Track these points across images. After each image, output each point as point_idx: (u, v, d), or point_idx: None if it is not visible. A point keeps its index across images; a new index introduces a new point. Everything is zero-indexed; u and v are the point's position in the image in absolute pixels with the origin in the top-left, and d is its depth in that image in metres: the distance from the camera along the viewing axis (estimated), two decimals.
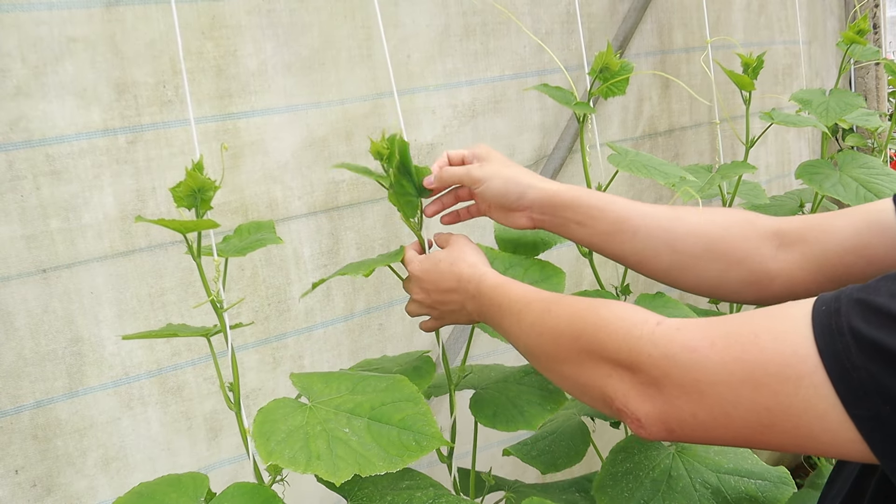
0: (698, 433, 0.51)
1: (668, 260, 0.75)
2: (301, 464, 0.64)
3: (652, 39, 1.59)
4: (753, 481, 0.93)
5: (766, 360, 0.47)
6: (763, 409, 0.47)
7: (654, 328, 0.53)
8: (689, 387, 0.50)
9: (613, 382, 0.55)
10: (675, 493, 0.92)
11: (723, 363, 0.48)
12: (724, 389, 0.48)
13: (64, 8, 0.95)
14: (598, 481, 0.95)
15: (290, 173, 1.15)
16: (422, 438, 0.68)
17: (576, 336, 0.58)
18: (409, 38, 1.24)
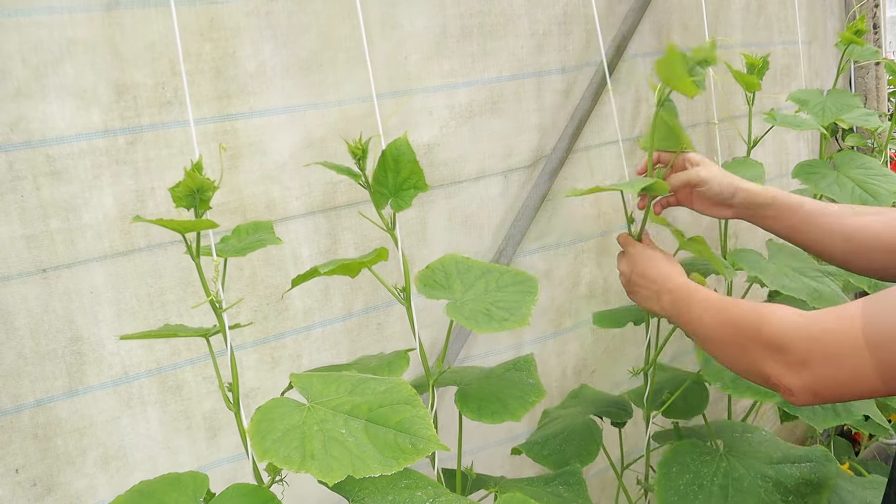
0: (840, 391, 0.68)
1: (843, 248, 0.93)
2: (295, 463, 0.64)
3: (650, 40, 1.59)
4: (804, 465, 1.00)
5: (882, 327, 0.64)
6: (887, 364, 0.63)
7: (797, 318, 0.71)
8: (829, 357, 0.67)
9: (769, 363, 0.72)
10: (744, 494, 0.97)
11: (850, 336, 0.65)
12: (854, 355, 0.65)
13: (64, 11, 0.96)
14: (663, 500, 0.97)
15: (288, 174, 1.16)
16: (418, 441, 0.69)
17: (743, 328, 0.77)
18: (406, 39, 1.24)
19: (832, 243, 0.94)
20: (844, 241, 0.93)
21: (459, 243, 1.37)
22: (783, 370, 0.71)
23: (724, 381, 1.00)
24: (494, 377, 0.99)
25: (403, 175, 0.89)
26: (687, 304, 0.88)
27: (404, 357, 0.89)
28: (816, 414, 1.08)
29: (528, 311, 0.88)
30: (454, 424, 1.02)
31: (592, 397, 1.27)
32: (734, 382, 0.98)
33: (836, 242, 0.93)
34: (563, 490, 1.02)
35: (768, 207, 0.98)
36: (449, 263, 0.96)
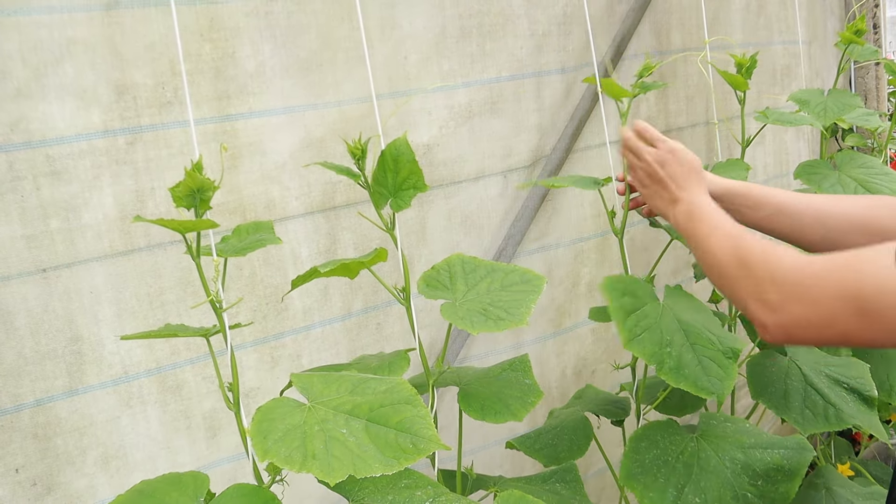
0: (811, 333, 0.71)
1: (821, 235, 0.94)
2: (296, 463, 0.64)
3: (650, 40, 1.59)
4: (777, 451, 1.00)
5: (862, 276, 0.66)
6: (861, 311, 0.66)
7: (793, 261, 0.73)
8: (804, 299, 0.70)
9: (752, 301, 0.76)
10: (707, 474, 0.97)
11: (832, 283, 0.68)
12: (833, 301, 0.68)
13: (64, 11, 0.96)
14: (625, 471, 0.98)
15: (287, 174, 1.16)
16: (419, 441, 0.69)
17: (740, 262, 0.80)
18: (405, 39, 1.25)
19: (811, 230, 0.95)
20: (822, 227, 0.94)
21: (459, 243, 1.37)
22: (762, 308, 0.74)
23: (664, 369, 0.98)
24: (492, 378, 0.99)
25: (403, 175, 0.89)
26: (699, 219, 0.90)
27: (405, 357, 0.89)
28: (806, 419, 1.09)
29: (526, 310, 0.88)
30: (454, 424, 1.02)
31: (593, 396, 1.28)
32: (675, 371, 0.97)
33: (814, 229, 0.94)
34: (560, 487, 1.03)
35: (741, 197, 0.99)
36: (455, 263, 0.96)
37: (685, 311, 1.02)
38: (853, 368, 1.17)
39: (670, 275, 1.73)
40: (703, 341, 0.97)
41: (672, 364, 0.94)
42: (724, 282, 0.83)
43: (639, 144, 1.02)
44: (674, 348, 0.95)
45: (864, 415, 1.10)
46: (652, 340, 0.95)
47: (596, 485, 1.62)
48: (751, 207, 0.98)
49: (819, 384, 1.12)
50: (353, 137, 0.88)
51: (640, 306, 0.99)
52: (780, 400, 1.11)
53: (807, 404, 1.10)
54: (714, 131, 1.74)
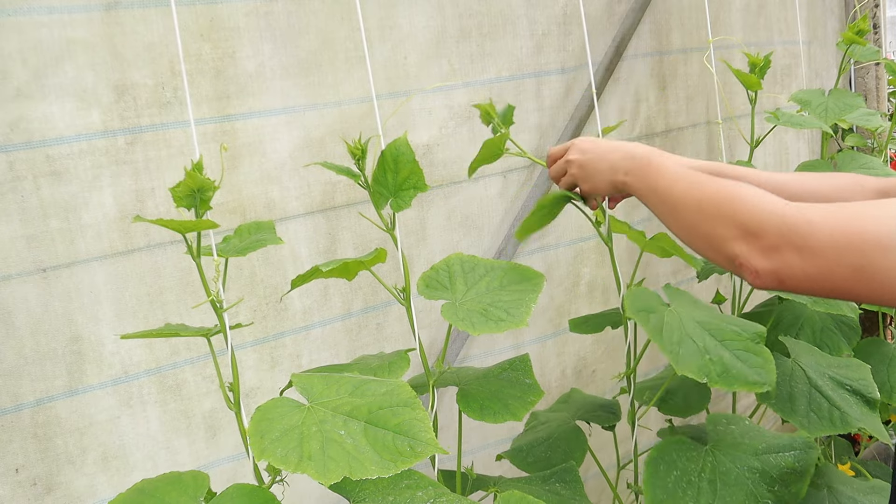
0: (805, 284, 0.69)
1: None
2: (292, 463, 0.64)
3: (650, 40, 1.59)
4: (788, 453, 1.00)
5: (865, 233, 0.64)
6: (859, 267, 0.64)
7: (783, 206, 0.70)
8: (804, 249, 0.67)
9: (738, 244, 0.72)
10: (731, 487, 0.97)
11: (832, 233, 0.66)
12: (831, 252, 0.66)
13: (64, 11, 0.96)
14: (651, 498, 0.97)
15: (287, 174, 1.16)
16: (416, 444, 0.69)
17: (716, 203, 0.75)
18: (405, 39, 1.25)
19: None
20: None
21: (458, 243, 1.37)
22: (754, 252, 0.71)
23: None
24: (492, 377, 0.99)
25: (403, 175, 0.89)
26: (655, 172, 0.85)
27: (405, 358, 0.89)
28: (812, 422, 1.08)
29: (527, 311, 0.88)
30: (453, 424, 1.02)
31: (581, 401, 1.27)
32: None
33: None
34: (560, 488, 1.02)
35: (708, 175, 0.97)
36: (454, 263, 0.96)
37: (693, 309, 1.01)
38: (855, 370, 1.17)
39: (670, 275, 1.73)
40: (730, 335, 0.95)
41: (718, 370, 0.92)
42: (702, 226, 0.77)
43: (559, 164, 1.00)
44: (712, 353, 0.93)
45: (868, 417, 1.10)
46: (691, 353, 0.93)
47: (596, 485, 1.62)
48: None
49: (823, 387, 1.12)
50: (353, 137, 0.88)
51: (662, 319, 0.96)
52: (786, 403, 1.11)
53: (812, 407, 1.10)
54: (714, 131, 1.74)
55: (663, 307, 0.99)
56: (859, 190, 0.89)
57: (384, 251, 0.87)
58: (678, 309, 0.99)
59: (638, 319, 0.95)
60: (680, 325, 0.96)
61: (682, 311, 0.99)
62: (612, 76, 1.52)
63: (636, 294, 1.00)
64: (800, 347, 1.21)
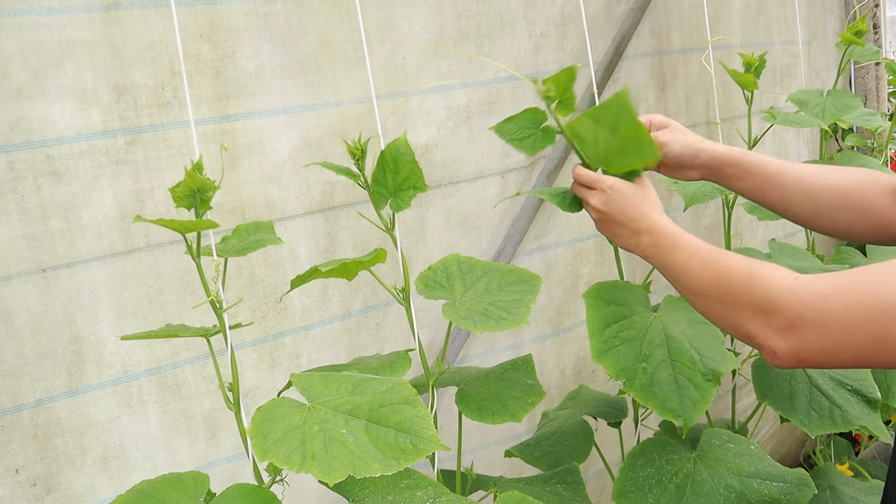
0: (825, 359, 0.68)
1: (808, 209, 0.93)
2: (296, 463, 0.64)
3: (649, 41, 1.60)
4: (775, 484, 0.96)
5: (879, 301, 0.64)
6: (877, 336, 0.64)
7: (792, 282, 0.70)
8: (819, 324, 0.67)
9: (756, 324, 0.72)
10: (700, 498, 0.94)
11: (846, 306, 0.65)
12: (847, 324, 0.65)
13: (64, 11, 0.96)
14: (619, 487, 0.96)
15: (286, 174, 1.16)
16: (419, 441, 0.69)
17: (730, 284, 0.75)
18: (404, 40, 1.25)
19: (798, 203, 0.93)
20: (810, 201, 0.92)
21: (457, 243, 1.37)
22: (770, 332, 0.70)
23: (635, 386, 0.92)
24: (493, 377, 0.99)
25: (402, 175, 0.89)
26: (671, 250, 0.85)
27: (405, 357, 0.89)
28: (812, 420, 1.08)
29: (526, 310, 0.88)
30: (453, 424, 1.02)
31: (589, 398, 1.27)
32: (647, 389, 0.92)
33: (802, 203, 0.93)
34: (561, 488, 1.02)
35: (731, 167, 0.96)
36: (451, 263, 0.96)
37: (679, 324, 0.98)
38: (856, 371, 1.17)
39: None
40: (685, 359, 0.93)
41: (644, 381, 0.90)
42: (716, 308, 0.78)
43: (583, 191, 0.95)
44: (650, 364, 0.91)
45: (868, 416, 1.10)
46: (628, 354, 0.91)
47: (596, 485, 1.62)
48: (740, 178, 0.96)
49: (824, 386, 1.12)
50: (353, 138, 0.88)
51: (626, 316, 0.95)
52: (786, 401, 1.11)
53: (812, 406, 1.10)
54: (714, 131, 1.74)
55: (642, 308, 0.97)
56: (875, 186, 0.89)
57: (384, 251, 0.87)
58: (662, 317, 0.97)
59: (589, 304, 0.94)
60: (644, 329, 0.94)
61: (662, 321, 0.96)
62: (611, 76, 1.52)
63: (611, 284, 0.99)
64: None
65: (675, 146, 0.97)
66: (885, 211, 0.89)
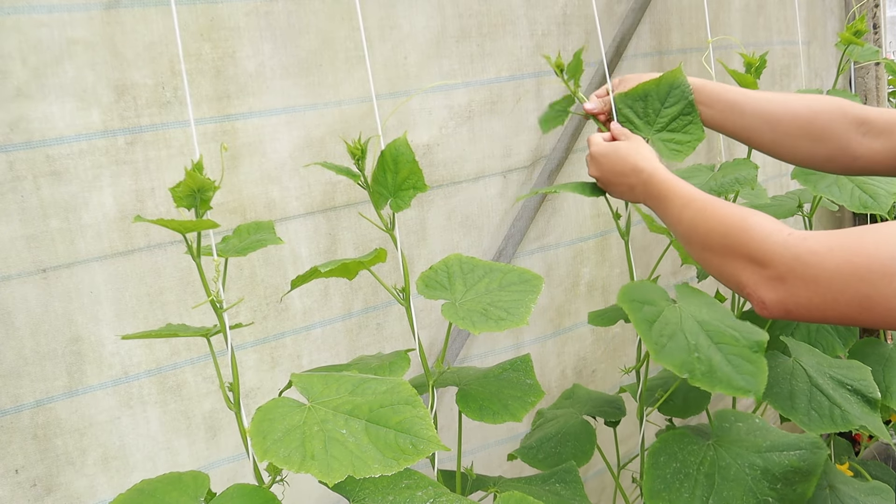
0: (811, 313, 0.70)
1: (770, 137, 0.93)
2: (295, 463, 0.64)
3: (649, 40, 1.60)
4: (793, 452, 0.99)
5: (869, 261, 0.64)
6: (864, 296, 0.65)
7: (786, 236, 0.70)
8: (809, 279, 0.68)
9: (747, 274, 0.73)
10: (729, 483, 0.96)
11: (836, 263, 0.66)
12: (837, 281, 0.66)
13: (64, 10, 0.96)
14: (649, 487, 0.97)
15: (287, 174, 1.16)
16: (419, 442, 0.69)
17: (724, 234, 0.76)
18: (405, 39, 1.25)
19: (759, 131, 0.94)
20: (770, 129, 0.93)
21: (458, 243, 1.37)
22: (760, 282, 0.72)
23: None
24: (493, 377, 0.99)
25: (402, 175, 0.89)
26: (664, 199, 0.86)
27: (405, 357, 0.89)
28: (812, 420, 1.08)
29: (527, 310, 0.88)
30: (453, 424, 1.02)
31: (586, 397, 1.27)
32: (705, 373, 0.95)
33: (762, 130, 0.93)
34: (560, 488, 1.02)
35: (698, 94, 0.98)
36: (452, 263, 0.96)
37: (701, 309, 1.00)
38: (856, 371, 1.17)
39: (670, 275, 1.73)
40: (728, 339, 0.94)
41: (703, 369, 0.91)
42: (710, 258, 0.79)
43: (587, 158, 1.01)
44: (701, 352, 0.93)
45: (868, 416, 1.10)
46: (678, 348, 0.92)
47: (596, 485, 1.62)
48: (705, 104, 0.98)
49: (824, 385, 1.12)
50: (353, 137, 0.88)
51: (659, 313, 0.96)
52: (786, 400, 1.11)
53: (812, 405, 1.10)
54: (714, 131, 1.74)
55: (666, 302, 0.99)
56: (840, 116, 0.90)
57: (384, 251, 0.87)
58: (683, 306, 0.99)
59: (627, 309, 0.95)
60: (679, 321, 0.96)
61: (686, 309, 0.98)
62: (611, 76, 1.52)
63: (635, 286, 1.00)
64: (801, 348, 1.21)
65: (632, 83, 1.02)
66: (849, 142, 0.90)
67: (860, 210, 1.31)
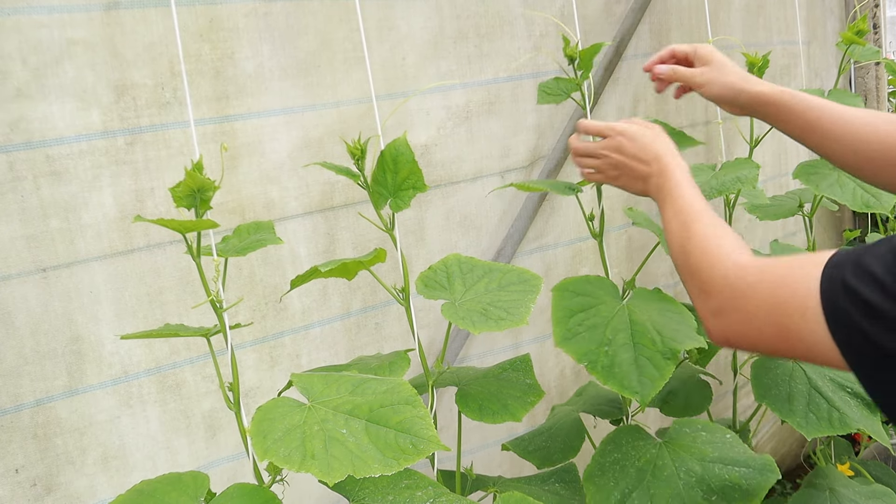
0: (744, 343, 0.71)
1: (853, 160, 0.90)
2: (296, 462, 0.64)
3: (649, 40, 1.60)
4: (737, 469, 0.98)
5: (789, 296, 0.64)
6: (784, 328, 0.65)
7: (730, 266, 0.71)
8: (741, 311, 0.69)
9: (698, 301, 0.75)
10: (659, 482, 0.96)
11: (764, 296, 0.67)
12: (763, 314, 0.67)
13: (64, 11, 0.96)
14: (588, 471, 0.98)
15: (286, 174, 1.16)
16: (419, 442, 0.69)
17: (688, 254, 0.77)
18: (403, 40, 1.25)
19: (840, 153, 0.90)
20: (852, 152, 0.89)
21: (457, 243, 1.37)
22: (705, 312, 0.73)
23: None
24: (493, 377, 0.99)
25: (402, 175, 0.89)
26: (665, 200, 0.85)
27: (405, 357, 0.89)
28: (810, 423, 1.08)
29: (526, 310, 0.88)
30: (453, 424, 1.02)
31: (594, 395, 1.28)
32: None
33: (844, 152, 0.90)
34: (559, 487, 1.03)
35: (772, 107, 0.95)
36: (452, 263, 0.96)
37: (648, 311, 1.00)
38: None
39: (668, 275, 1.73)
40: (646, 341, 0.95)
41: (605, 362, 0.93)
42: (680, 272, 0.79)
43: (587, 145, 0.97)
44: (612, 347, 0.94)
45: (867, 419, 1.10)
46: (590, 339, 0.94)
47: None
48: (780, 119, 0.95)
49: (824, 388, 1.12)
50: (353, 138, 0.88)
51: (592, 306, 0.97)
52: (784, 403, 1.11)
53: (811, 408, 1.10)
54: (713, 131, 1.74)
55: (611, 298, 1.00)
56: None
57: (383, 251, 0.88)
58: (630, 306, 0.99)
59: (555, 297, 0.97)
60: (610, 316, 0.97)
61: (629, 309, 0.99)
62: (611, 76, 1.52)
63: (578, 279, 1.02)
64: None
65: (714, 87, 0.98)
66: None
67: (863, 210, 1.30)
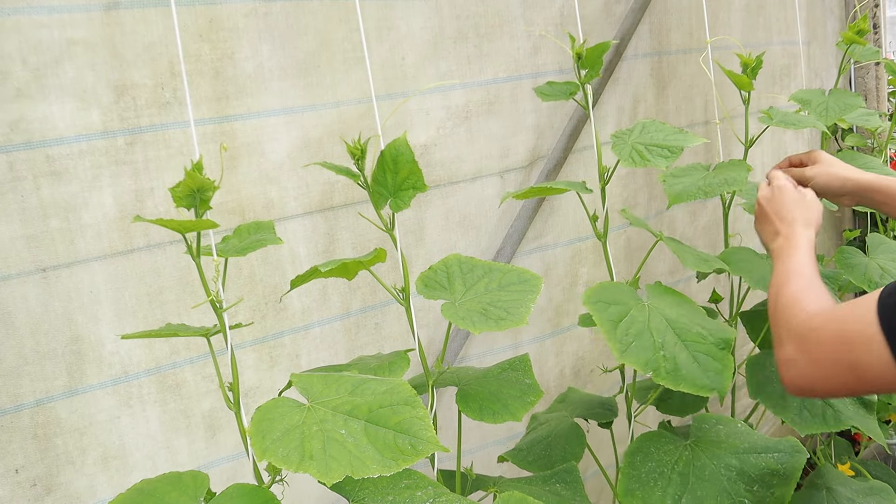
0: (817, 386, 0.76)
1: None
2: (294, 463, 0.64)
3: (649, 41, 1.60)
4: (771, 455, 1.00)
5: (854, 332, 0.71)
6: (855, 362, 0.70)
7: (801, 320, 0.78)
8: (809, 354, 0.75)
9: (777, 348, 0.82)
10: (704, 483, 0.97)
11: (830, 336, 0.73)
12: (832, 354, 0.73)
13: (64, 11, 0.96)
14: (623, 487, 0.98)
15: (286, 174, 1.16)
16: (417, 443, 0.69)
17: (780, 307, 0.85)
18: (402, 40, 1.25)
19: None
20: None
21: (456, 243, 1.37)
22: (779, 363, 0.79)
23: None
24: (492, 377, 0.99)
25: (402, 175, 0.89)
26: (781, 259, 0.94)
27: (404, 357, 0.89)
28: (804, 419, 1.08)
29: (526, 310, 0.88)
30: (453, 424, 1.02)
31: (579, 399, 1.27)
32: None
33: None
34: (560, 488, 1.03)
35: (879, 194, 1.05)
36: (452, 263, 0.96)
37: (670, 307, 1.00)
38: None
39: (667, 274, 1.73)
40: (694, 337, 0.96)
41: (668, 367, 0.92)
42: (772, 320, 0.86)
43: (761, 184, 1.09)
44: (667, 350, 0.94)
45: (862, 417, 1.10)
46: (644, 346, 0.93)
47: (595, 485, 1.62)
48: (888, 204, 1.04)
49: None
50: (352, 138, 0.88)
51: (626, 312, 0.97)
52: (779, 399, 1.11)
53: (805, 405, 1.10)
54: (712, 131, 1.74)
55: (635, 301, 0.99)
56: None
57: (383, 251, 0.88)
58: (653, 305, 0.99)
59: (592, 310, 0.96)
60: (646, 319, 0.97)
61: (656, 308, 0.99)
62: (611, 76, 1.52)
63: (601, 287, 1.01)
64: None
65: (820, 178, 1.09)
66: None
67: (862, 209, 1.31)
